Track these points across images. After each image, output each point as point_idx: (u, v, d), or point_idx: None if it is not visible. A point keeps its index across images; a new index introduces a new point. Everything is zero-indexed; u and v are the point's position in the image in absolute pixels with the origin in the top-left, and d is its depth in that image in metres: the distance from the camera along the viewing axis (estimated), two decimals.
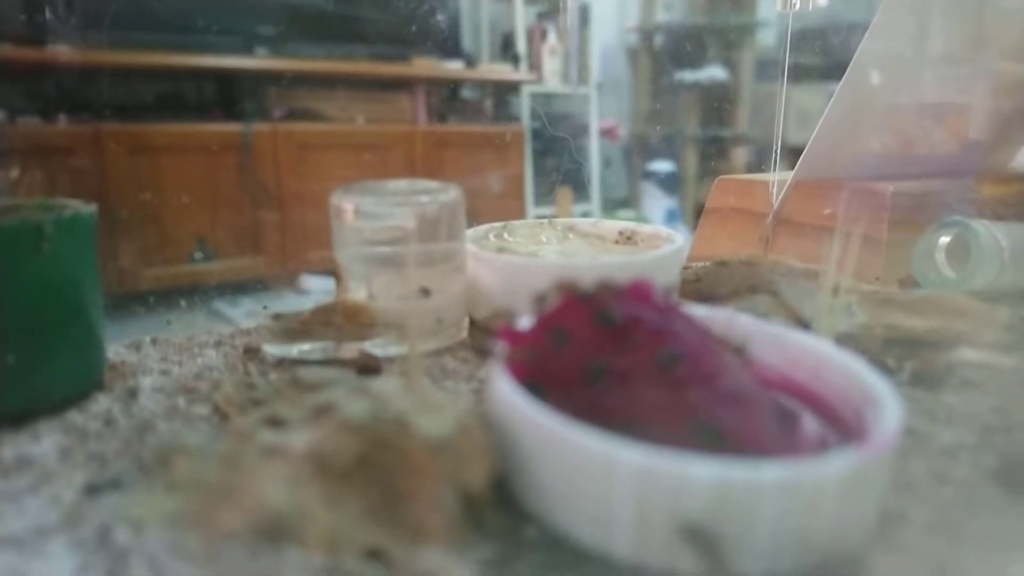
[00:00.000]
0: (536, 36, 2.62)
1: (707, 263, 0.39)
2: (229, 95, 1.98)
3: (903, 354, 0.30)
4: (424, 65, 2.23)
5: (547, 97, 2.67)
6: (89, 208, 0.27)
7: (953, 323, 0.32)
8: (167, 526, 0.18)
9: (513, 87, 2.51)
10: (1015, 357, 0.31)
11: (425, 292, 0.31)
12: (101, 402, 0.27)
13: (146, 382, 0.29)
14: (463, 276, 0.33)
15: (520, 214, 2.22)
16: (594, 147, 2.67)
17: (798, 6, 0.49)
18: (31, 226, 0.24)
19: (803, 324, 0.28)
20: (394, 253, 0.31)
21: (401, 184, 0.33)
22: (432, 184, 0.33)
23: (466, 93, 2.46)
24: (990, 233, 0.40)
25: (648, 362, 0.18)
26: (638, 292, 0.21)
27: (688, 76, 2.73)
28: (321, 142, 2.04)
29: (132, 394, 0.28)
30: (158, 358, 0.32)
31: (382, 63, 2.18)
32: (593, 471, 0.16)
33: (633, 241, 0.40)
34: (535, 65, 2.59)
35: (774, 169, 0.53)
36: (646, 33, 2.81)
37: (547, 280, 0.21)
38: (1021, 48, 0.54)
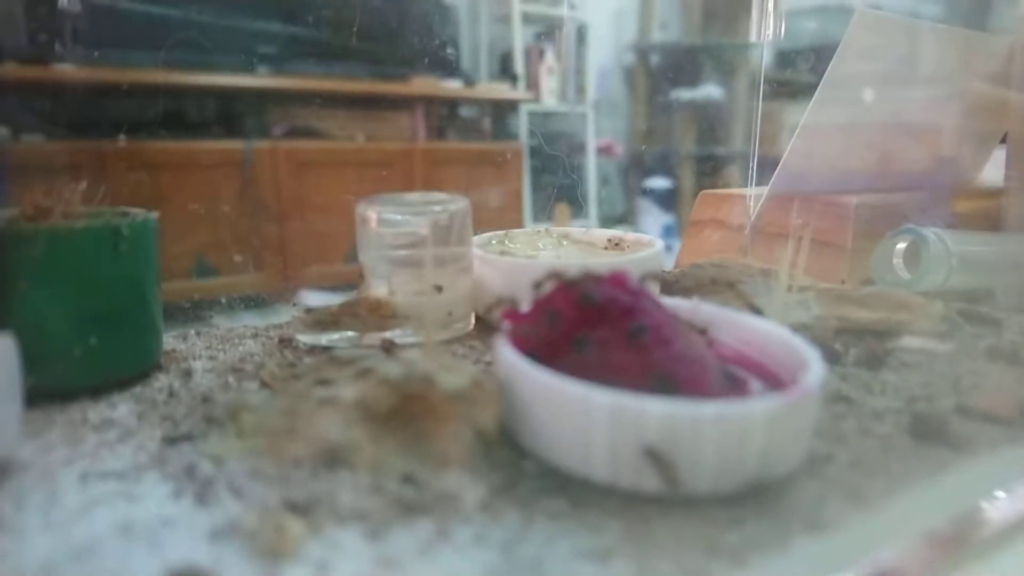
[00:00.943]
0: (534, 56, 2.68)
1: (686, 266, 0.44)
2: (230, 113, 2.03)
3: (851, 341, 0.35)
4: (423, 84, 2.28)
5: (545, 116, 2.72)
6: (154, 215, 0.32)
7: (896, 315, 0.36)
8: (241, 460, 0.23)
9: (511, 106, 2.56)
10: (948, 343, 0.36)
11: (439, 289, 0.36)
12: (161, 380, 0.32)
13: (197, 365, 0.33)
14: (470, 276, 0.38)
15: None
16: (591, 165, 2.72)
17: (771, 35, 0.54)
18: (112, 228, 0.29)
19: (758, 313, 0.33)
20: (411, 255, 0.36)
21: (416, 196, 0.38)
22: (443, 196, 0.38)
23: (465, 111, 2.52)
24: (940, 240, 0.45)
25: (621, 333, 0.23)
26: (615, 280, 0.25)
27: (684, 95, 2.79)
28: (321, 160, 2.09)
29: (187, 374, 0.32)
30: (204, 347, 0.36)
31: (382, 82, 2.23)
32: (575, 411, 0.21)
33: (620, 247, 0.45)
34: (533, 84, 2.65)
35: (751, 184, 0.58)
36: (642, 53, 2.87)
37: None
38: (990, 70, 0.60)
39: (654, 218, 2.69)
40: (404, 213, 0.36)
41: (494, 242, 0.44)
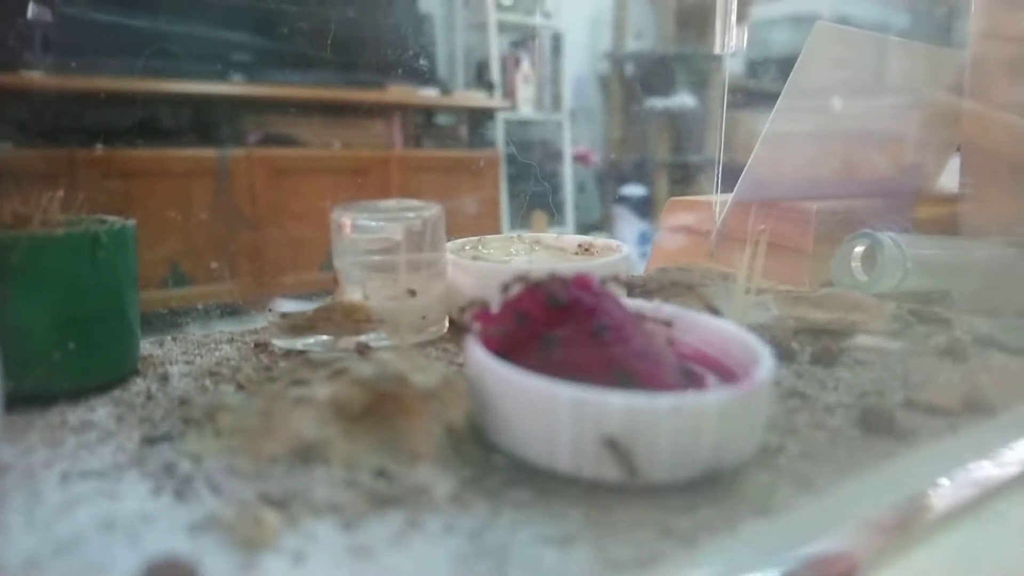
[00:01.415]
0: (510, 64, 2.70)
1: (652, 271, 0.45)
2: (205, 121, 2.01)
3: (807, 340, 0.37)
4: (399, 92, 2.29)
5: (521, 124, 2.74)
6: (131, 222, 0.33)
7: (850, 315, 0.38)
8: (219, 458, 0.23)
9: (488, 114, 2.58)
10: (900, 342, 0.37)
11: (412, 293, 0.37)
12: (139, 384, 0.32)
13: (174, 369, 0.34)
14: (444, 280, 0.39)
15: None
16: (568, 172, 2.74)
17: (733, 47, 0.56)
18: (90, 236, 0.30)
19: (716, 314, 0.35)
20: (385, 260, 0.37)
21: (391, 203, 0.39)
22: (417, 203, 0.39)
23: (441, 119, 2.53)
24: (896, 244, 0.47)
25: (584, 331, 0.24)
26: (580, 282, 0.27)
27: (659, 103, 2.82)
28: (297, 167, 2.08)
29: (164, 378, 0.33)
30: (180, 352, 0.37)
31: (357, 90, 2.23)
32: (540, 405, 0.22)
33: (590, 252, 0.46)
34: (509, 92, 2.67)
35: (716, 191, 0.60)
36: (617, 62, 2.90)
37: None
38: (946, 82, 0.62)
39: (630, 225, 2.72)
40: (378, 219, 0.37)
41: (468, 247, 0.45)
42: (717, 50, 0.56)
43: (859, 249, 0.49)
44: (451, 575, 0.18)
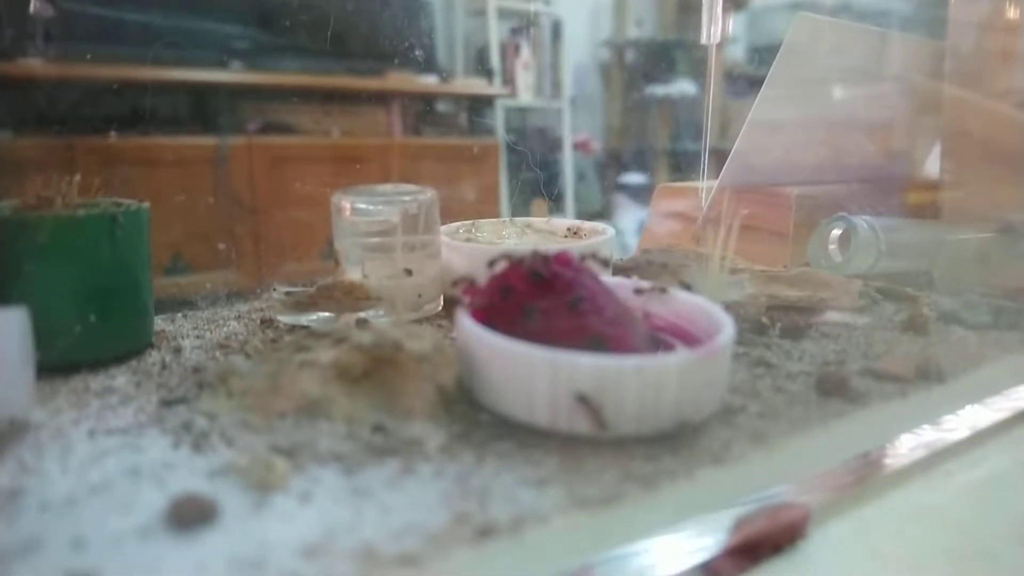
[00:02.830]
0: (510, 51, 2.70)
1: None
2: (204, 109, 2.02)
3: (778, 316, 0.39)
4: (399, 79, 2.29)
5: (521, 111, 2.75)
6: (146, 205, 0.35)
7: (819, 293, 0.40)
8: (232, 416, 0.26)
9: (487, 101, 2.58)
10: (866, 317, 0.40)
11: (408, 272, 0.39)
12: (154, 355, 0.35)
13: (186, 343, 0.37)
14: (439, 261, 0.42)
15: None
16: (568, 160, 2.75)
17: (719, 38, 0.58)
18: (109, 216, 0.32)
19: (688, 289, 0.37)
20: (383, 242, 0.39)
21: (388, 187, 0.41)
22: (413, 187, 0.41)
23: (441, 107, 2.54)
24: (870, 227, 0.49)
25: (562, 303, 0.27)
26: (560, 259, 0.29)
27: (659, 91, 2.82)
28: (296, 155, 2.09)
29: (177, 350, 0.35)
30: (191, 327, 0.39)
31: (357, 77, 2.23)
32: (520, 367, 0.25)
33: (578, 235, 0.49)
34: (509, 80, 2.67)
35: (703, 177, 0.62)
36: (618, 49, 2.91)
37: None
38: (928, 70, 0.65)
39: (629, 213, 2.73)
40: (376, 203, 0.39)
41: (461, 231, 0.48)
42: (703, 40, 0.58)
43: (836, 232, 0.51)
44: (440, 508, 0.21)
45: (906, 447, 0.31)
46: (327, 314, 0.39)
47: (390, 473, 0.23)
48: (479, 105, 2.53)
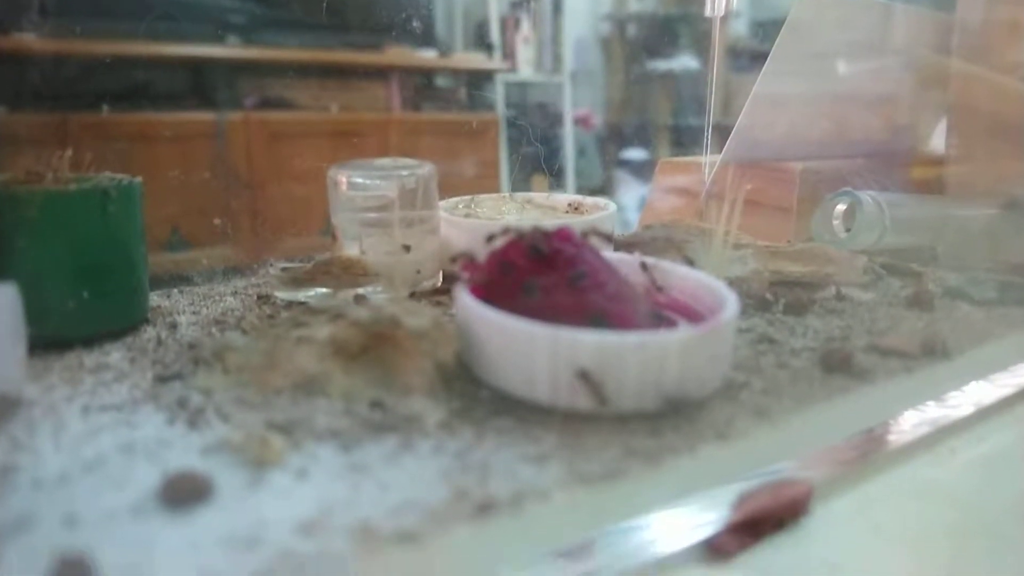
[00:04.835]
0: (510, 25, 2.67)
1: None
2: (202, 84, 2.00)
3: (782, 291, 0.39)
4: (397, 54, 2.26)
5: (521, 86, 2.72)
6: (138, 180, 0.35)
7: (823, 268, 0.40)
8: (227, 392, 0.26)
9: (487, 76, 2.55)
10: (870, 293, 0.39)
11: (406, 248, 0.39)
12: (150, 331, 0.34)
13: (182, 319, 0.36)
14: (437, 237, 0.41)
15: None
16: (568, 135, 2.73)
17: (723, 10, 0.57)
18: (100, 191, 0.32)
19: (691, 265, 0.36)
20: (380, 217, 0.39)
21: (386, 161, 0.40)
22: (411, 161, 0.40)
23: (440, 81, 2.51)
24: (875, 202, 0.48)
25: (563, 279, 0.26)
26: (561, 235, 0.28)
27: (661, 65, 2.79)
28: (294, 131, 2.06)
29: (173, 326, 0.35)
30: (187, 303, 0.39)
31: (355, 52, 2.20)
32: (521, 343, 0.24)
33: (580, 211, 0.48)
34: (509, 54, 2.64)
35: (705, 152, 0.61)
36: (619, 22, 2.87)
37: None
38: (936, 45, 0.63)
39: (631, 189, 2.71)
40: (373, 177, 0.39)
41: (460, 206, 0.47)
42: (707, 12, 0.57)
43: (840, 207, 0.51)
44: (439, 484, 0.20)
45: (910, 423, 0.30)
46: (324, 290, 0.39)
47: (388, 449, 0.23)
48: (479, 80, 2.51)
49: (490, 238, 0.29)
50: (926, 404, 0.31)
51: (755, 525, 0.24)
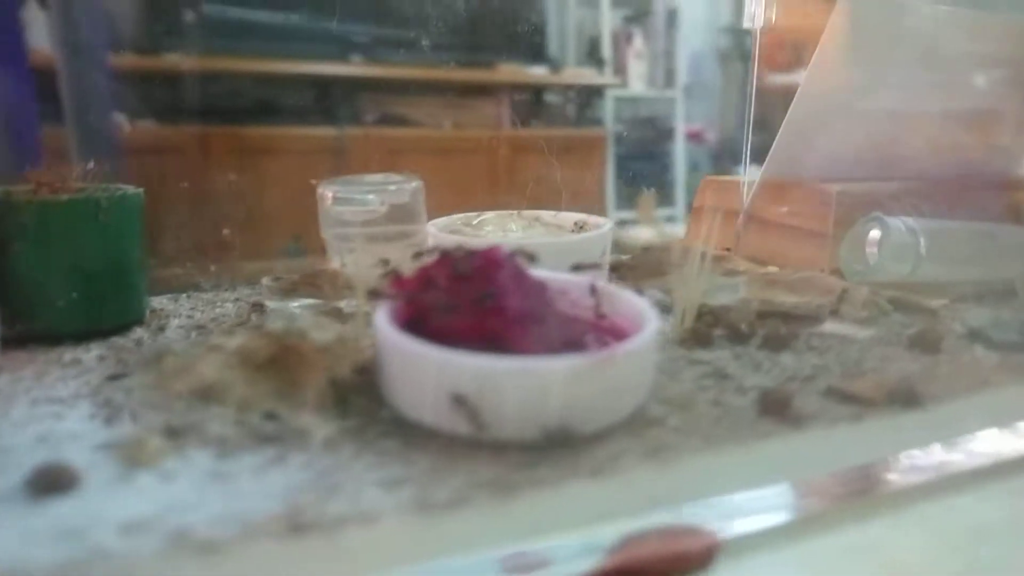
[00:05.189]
0: (622, 40, 2.65)
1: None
2: (326, 101, 2.12)
3: (768, 323, 0.36)
4: (509, 71, 2.30)
5: (632, 101, 2.70)
6: (138, 191, 0.38)
7: (818, 300, 0.37)
8: (145, 393, 0.27)
9: (598, 91, 2.55)
10: (870, 330, 0.36)
11: (385, 262, 0.39)
12: (138, 332, 0.37)
13: (174, 322, 0.39)
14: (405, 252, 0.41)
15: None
16: (680, 151, 2.68)
17: (761, 22, 0.54)
18: (93, 201, 0.35)
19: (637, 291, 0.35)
20: (364, 231, 0.40)
21: (376, 177, 0.41)
22: (399, 176, 0.41)
23: (550, 97, 2.52)
24: (908, 229, 0.44)
25: (471, 300, 0.26)
26: (488, 254, 0.28)
27: (779, 79, 2.67)
28: (409, 147, 2.15)
29: (161, 329, 0.38)
30: (188, 307, 0.42)
31: (468, 69, 2.27)
32: (409, 364, 0.24)
33: (585, 229, 0.47)
34: (620, 69, 2.63)
35: (744, 170, 0.58)
36: (737, 36, 2.78)
37: None
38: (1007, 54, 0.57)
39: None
40: (358, 192, 0.40)
41: (462, 222, 0.47)
42: (744, 23, 0.54)
43: (875, 234, 0.47)
44: (278, 500, 0.21)
45: (857, 480, 0.27)
46: (311, 301, 0.40)
47: (261, 461, 0.23)
48: (589, 95, 2.51)
49: (416, 255, 0.29)
50: (871, 461, 0.28)
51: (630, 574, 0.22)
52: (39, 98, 1.00)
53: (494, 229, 0.48)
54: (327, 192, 0.40)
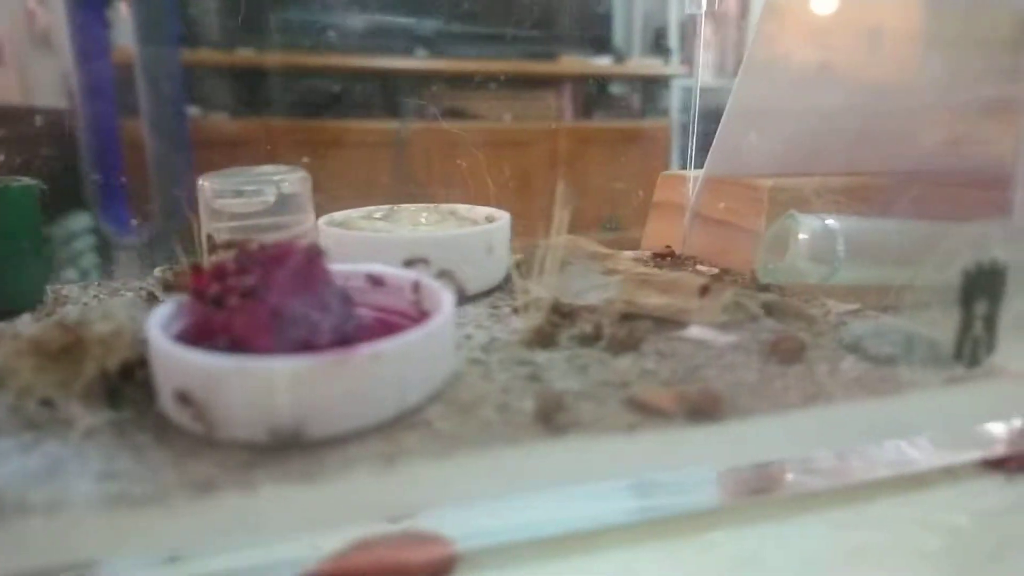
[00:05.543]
0: (690, 29, 2.57)
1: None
2: (389, 94, 2.15)
3: (627, 327, 0.34)
4: (571, 62, 2.28)
5: (700, 91, 2.61)
6: (33, 184, 0.39)
7: (685, 303, 0.35)
8: None
9: (663, 82, 2.49)
10: (731, 336, 0.34)
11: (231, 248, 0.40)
12: (24, 318, 0.39)
13: (65, 309, 0.40)
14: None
15: None
16: None
17: (704, 6, 0.51)
18: None
19: (453, 284, 0.34)
20: (243, 225, 0.40)
21: (259, 168, 0.42)
22: (283, 168, 0.42)
23: (614, 88, 2.48)
24: (826, 228, 0.41)
25: (239, 295, 0.26)
26: (279, 248, 0.28)
27: None
28: (468, 139, 2.16)
29: (48, 315, 0.39)
30: (92, 295, 0.43)
31: (530, 62, 2.25)
32: (157, 359, 0.24)
33: (493, 222, 0.46)
34: (687, 59, 2.56)
35: (690, 166, 0.56)
36: None
37: (354, 248, 0.29)
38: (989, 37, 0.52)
39: None
40: (238, 186, 0.40)
41: (376, 215, 0.47)
42: (687, 8, 0.52)
43: (803, 236, 0.44)
44: None
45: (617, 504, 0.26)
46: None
47: (13, 446, 0.24)
48: (654, 86, 2.45)
49: (212, 249, 0.29)
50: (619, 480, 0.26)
51: None
52: (118, 92, 1.08)
53: (385, 223, 0.47)
54: (206, 185, 0.40)
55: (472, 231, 0.41)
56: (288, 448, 0.23)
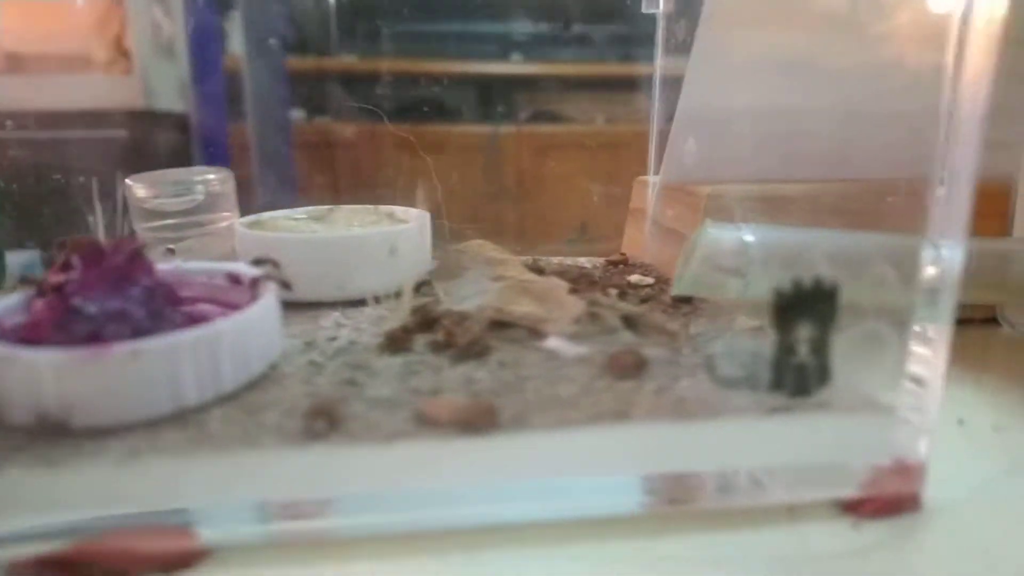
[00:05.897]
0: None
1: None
2: (484, 99, 2.19)
3: (485, 336, 0.34)
4: (665, 64, 2.22)
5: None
6: None
7: (543, 311, 0.34)
8: None
9: None
10: (581, 347, 0.32)
11: (171, 251, 0.42)
12: None
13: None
14: (224, 242, 0.43)
15: None
16: None
17: (661, 4, 0.49)
18: None
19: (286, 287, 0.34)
20: (165, 224, 0.43)
21: (189, 171, 0.44)
22: (209, 169, 0.44)
23: None
24: (736, 240, 0.39)
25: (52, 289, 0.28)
26: (98, 246, 0.29)
27: None
28: (560, 143, 2.16)
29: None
30: None
31: (622, 64, 2.23)
32: None
33: None
34: None
35: (649, 172, 0.54)
36: None
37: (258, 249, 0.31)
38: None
39: None
40: (158, 187, 0.43)
41: (308, 216, 0.48)
42: (644, 7, 0.50)
43: (704, 247, 0.41)
44: None
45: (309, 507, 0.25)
46: None
47: None
48: None
49: (60, 245, 0.31)
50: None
51: (66, 569, 0.23)
52: (228, 98, 1.17)
53: (343, 222, 0.48)
54: (132, 186, 0.43)
55: (366, 232, 0.41)
56: (57, 435, 0.25)
